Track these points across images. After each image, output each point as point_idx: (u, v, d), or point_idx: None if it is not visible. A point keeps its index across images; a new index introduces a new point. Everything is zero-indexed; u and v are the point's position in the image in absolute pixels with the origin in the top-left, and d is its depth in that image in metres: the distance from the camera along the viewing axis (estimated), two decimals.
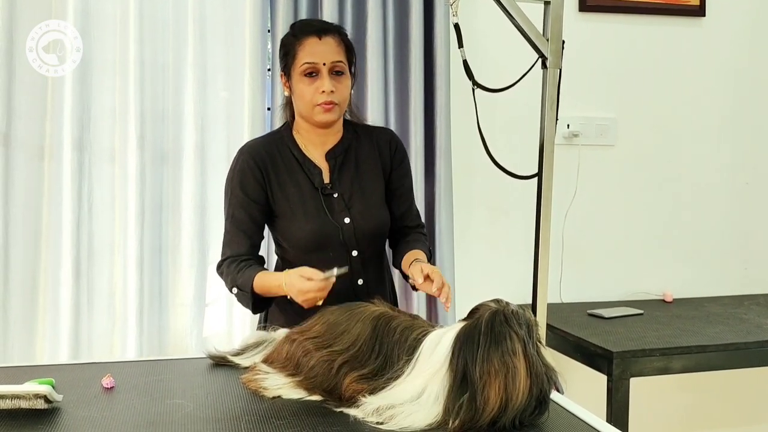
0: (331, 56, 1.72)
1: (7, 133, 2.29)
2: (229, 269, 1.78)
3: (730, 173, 3.07)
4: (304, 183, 1.79)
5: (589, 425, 1.36)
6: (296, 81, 1.74)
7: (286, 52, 1.77)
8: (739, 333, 2.38)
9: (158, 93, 2.41)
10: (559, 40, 1.89)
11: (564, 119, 2.75)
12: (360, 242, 1.79)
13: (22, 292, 2.32)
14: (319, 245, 1.77)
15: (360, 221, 1.79)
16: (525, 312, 1.33)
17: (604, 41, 2.88)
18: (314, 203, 1.77)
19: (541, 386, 1.27)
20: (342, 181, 1.80)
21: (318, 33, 1.74)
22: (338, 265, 1.65)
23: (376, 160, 1.85)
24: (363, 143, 1.85)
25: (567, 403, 1.47)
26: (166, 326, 2.43)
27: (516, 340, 1.27)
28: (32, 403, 1.38)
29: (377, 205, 1.83)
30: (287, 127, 1.85)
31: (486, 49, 2.61)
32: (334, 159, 1.81)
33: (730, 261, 3.08)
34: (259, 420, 1.37)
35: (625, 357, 2.16)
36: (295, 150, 1.81)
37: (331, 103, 1.72)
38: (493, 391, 1.25)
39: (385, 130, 1.95)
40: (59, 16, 2.30)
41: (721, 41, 3.01)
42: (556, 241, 2.70)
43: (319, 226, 1.76)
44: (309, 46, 1.73)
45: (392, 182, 1.87)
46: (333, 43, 1.74)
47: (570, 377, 2.45)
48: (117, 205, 2.38)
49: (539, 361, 1.28)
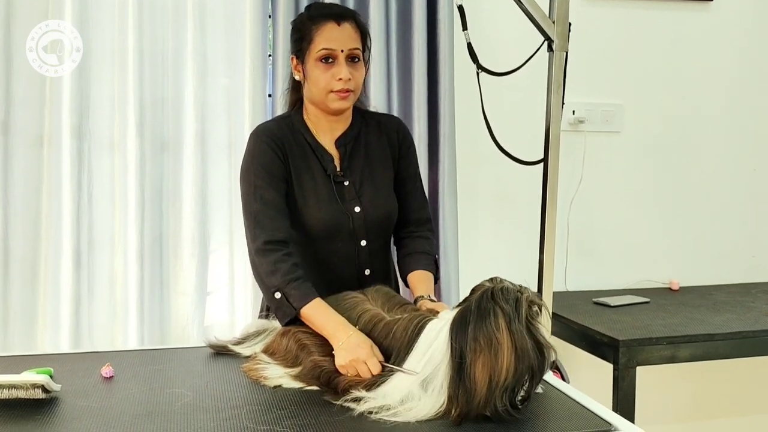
0: (349, 43, 1.67)
1: (6, 121, 2.27)
2: (278, 267, 1.60)
3: (737, 160, 3.04)
4: (316, 169, 1.74)
5: (595, 414, 1.35)
6: (311, 66, 1.69)
7: (300, 36, 1.71)
8: (747, 321, 2.37)
9: (158, 80, 2.38)
10: (565, 23, 1.86)
11: (569, 105, 2.71)
12: (369, 232, 1.76)
13: (22, 281, 2.30)
14: (329, 234, 1.73)
15: (370, 210, 1.75)
16: (520, 289, 1.31)
17: (610, 26, 2.85)
18: (326, 191, 1.73)
19: (529, 362, 1.25)
20: (353, 168, 1.77)
21: (337, 18, 1.68)
22: (346, 254, 1.69)
23: (385, 148, 1.81)
24: (372, 131, 1.82)
25: (572, 392, 1.46)
26: (167, 315, 2.41)
27: (500, 315, 1.25)
28: (30, 393, 1.37)
29: (386, 193, 1.80)
30: (298, 112, 1.80)
31: (491, 31, 2.57)
32: (344, 146, 1.77)
33: (736, 249, 3.06)
34: (260, 409, 1.36)
35: (631, 345, 2.15)
36: (308, 135, 1.76)
37: (347, 90, 1.68)
38: (479, 369, 1.24)
39: (392, 118, 1.92)
40: (58, 3, 2.26)
41: (729, 27, 2.98)
42: (562, 228, 2.67)
43: (330, 215, 1.72)
44: (327, 31, 1.67)
45: (399, 171, 1.84)
46: (351, 30, 1.69)
47: (575, 366, 2.46)
48: (117, 194, 2.36)
49: (526, 336, 1.25)
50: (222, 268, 2.46)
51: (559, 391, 1.47)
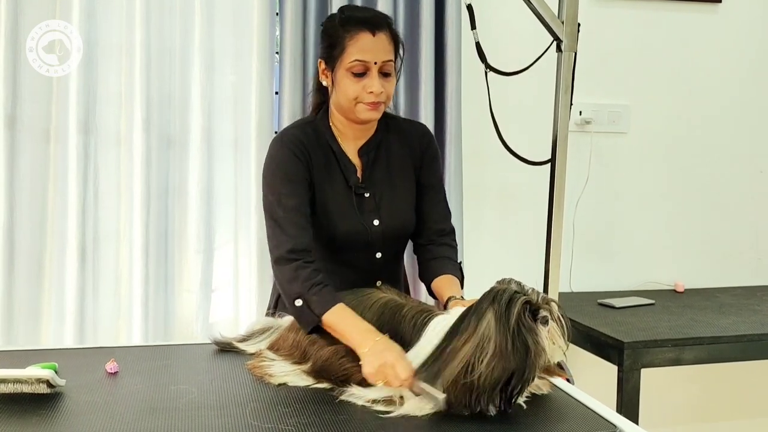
0: (383, 55, 1.61)
1: (13, 116, 2.27)
2: (298, 273, 1.56)
3: (743, 162, 3.03)
4: (338, 180, 1.71)
5: (600, 415, 1.35)
6: (341, 76, 1.63)
7: (332, 42, 1.64)
8: (753, 324, 2.35)
9: (165, 76, 2.38)
10: (574, 23, 1.85)
11: (576, 106, 2.66)
12: (386, 244, 1.74)
13: (28, 276, 2.30)
14: (345, 245, 1.71)
15: (388, 223, 1.72)
16: (524, 291, 1.31)
17: (617, 27, 2.83)
18: (347, 203, 1.70)
19: (508, 364, 1.24)
20: (374, 179, 1.73)
21: (371, 28, 1.60)
22: (360, 264, 1.71)
23: (407, 157, 1.77)
24: (394, 138, 1.77)
25: (577, 393, 1.46)
26: (172, 312, 2.41)
27: (490, 314, 1.27)
28: (34, 388, 1.37)
29: (406, 205, 1.76)
30: (324, 117, 1.75)
31: (499, 31, 2.56)
32: (366, 155, 1.74)
33: (742, 251, 3.04)
34: (265, 407, 1.35)
35: (636, 347, 2.14)
36: (334, 144, 1.72)
37: (378, 102, 1.64)
38: (456, 359, 1.27)
39: (417, 125, 1.87)
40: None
41: (737, 28, 2.96)
42: (567, 229, 2.66)
43: (349, 227, 1.69)
44: (361, 41, 1.60)
45: (421, 180, 1.79)
46: (385, 41, 1.62)
47: (580, 367, 2.45)
48: (123, 190, 2.36)
49: (511, 338, 1.25)
50: (227, 265, 2.46)
51: (564, 392, 1.47)
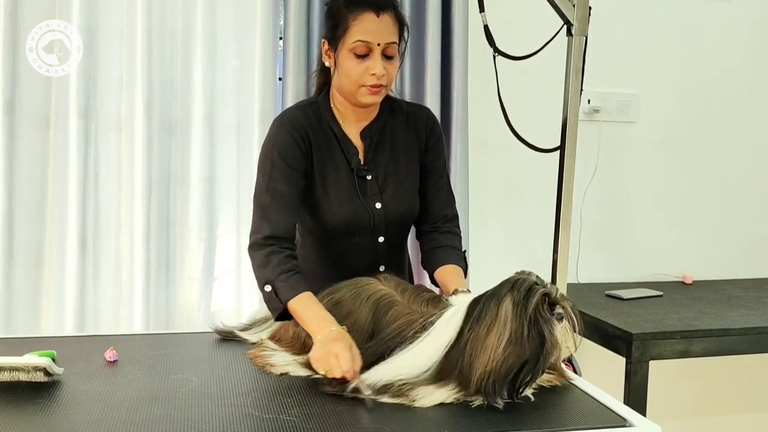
0: (386, 36, 1.59)
1: (12, 100, 2.23)
2: (270, 259, 1.56)
3: (753, 153, 2.99)
4: (340, 163, 1.69)
5: (607, 407, 1.33)
6: (344, 57, 1.61)
7: (335, 23, 1.63)
8: (762, 317, 2.33)
9: (166, 61, 2.35)
10: (585, 6, 1.81)
11: (585, 94, 2.61)
12: (389, 228, 1.72)
13: (27, 263, 2.28)
14: (348, 229, 1.69)
15: (391, 206, 1.71)
16: (542, 283, 1.32)
17: (626, 14, 2.79)
18: (348, 186, 1.68)
19: (522, 351, 1.25)
20: (377, 162, 1.71)
21: (376, 9, 1.59)
22: (363, 249, 1.68)
23: (412, 140, 1.75)
24: (399, 121, 1.76)
25: (584, 385, 1.45)
26: (173, 300, 2.39)
27: (509, 300, 1.29)
28: (31, 376, 1.35)
29: (409, 189, 1.74)
30: (325, 99, 1.73)
31: (508, 14, 2.52)
32: (369, 138, 1.72)
33: (751, 243, 3.01)
34: (266, 397, 1.34)
35: (644, 339, 2.12)
36: (335, 125, 1.70)
37: (380, 86, 1.61)
38: (472, 342, 1.28)
39: (421, 109, 1.85)
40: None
41: (749, 17, 2.92)
42: (575, 219, 2.62)
43: (351, 211, 1.67)
44: (365, 22, 1.59)
45: (425, 164, 1.77)
46: (390, 22, 1.60)
47: (587, 359, 2.42)
48: (123, 176, 2.33)
49: (527, 326, 1.26)
50: (229, 253, 2.43)
51: (572, 384, 1.45)
